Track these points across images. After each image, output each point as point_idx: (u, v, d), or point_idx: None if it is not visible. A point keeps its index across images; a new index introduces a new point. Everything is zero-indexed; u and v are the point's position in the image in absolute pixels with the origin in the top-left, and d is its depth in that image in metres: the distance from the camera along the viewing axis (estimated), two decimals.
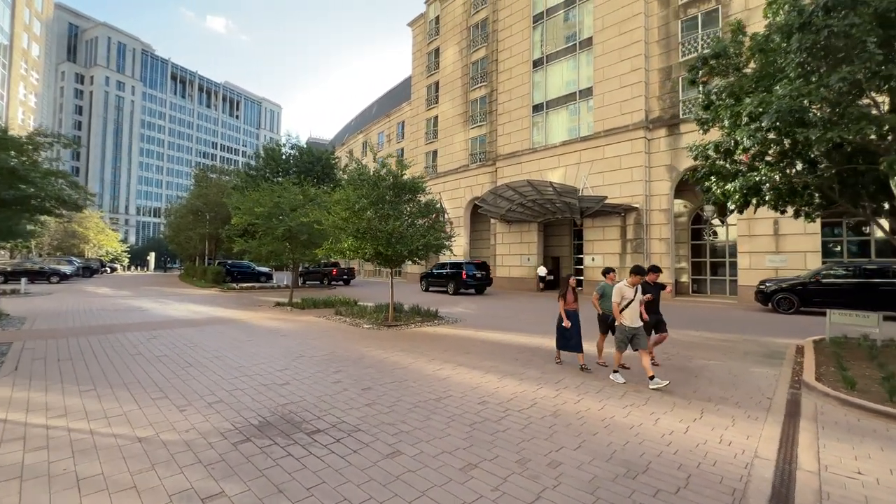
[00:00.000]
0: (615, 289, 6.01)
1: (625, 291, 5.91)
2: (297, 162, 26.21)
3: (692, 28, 19.77)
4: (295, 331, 10.01)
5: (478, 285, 21.76)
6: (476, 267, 21.78)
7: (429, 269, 24.31)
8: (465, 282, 21.29)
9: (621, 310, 5.88)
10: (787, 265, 16.80)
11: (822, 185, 8.01)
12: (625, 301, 5.89)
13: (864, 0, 6.06)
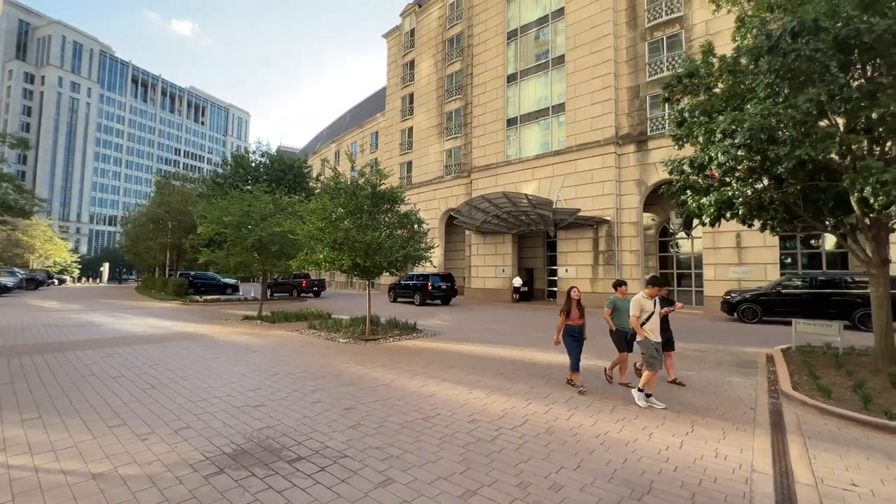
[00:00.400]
0: (634, 301, 5.61)
1: (644, 304, 5.55)
2: (268, 170, 25.42)
3: (658, 50, 20.72)
4: (266, 346, 9.49)
5: (444, 296, 22.34)
6: (441, 279, 22.41)
7: (397, 281, 24.27)
8: (431, 293, 21.88)
9: (642, 323, 5.48)
10: (749, 276, 17.59)
11: (787, 201, 8.40)
12: (645, 314, 5.51)
13: (826, 27, 6.42)
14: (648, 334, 5.45)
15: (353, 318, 12.78)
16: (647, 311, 5.53)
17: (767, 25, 7.32)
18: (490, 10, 26.98)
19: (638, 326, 5.51)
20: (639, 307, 5.55)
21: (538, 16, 24.67)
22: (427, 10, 32.98)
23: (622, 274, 20.74)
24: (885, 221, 7.66)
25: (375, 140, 40.97)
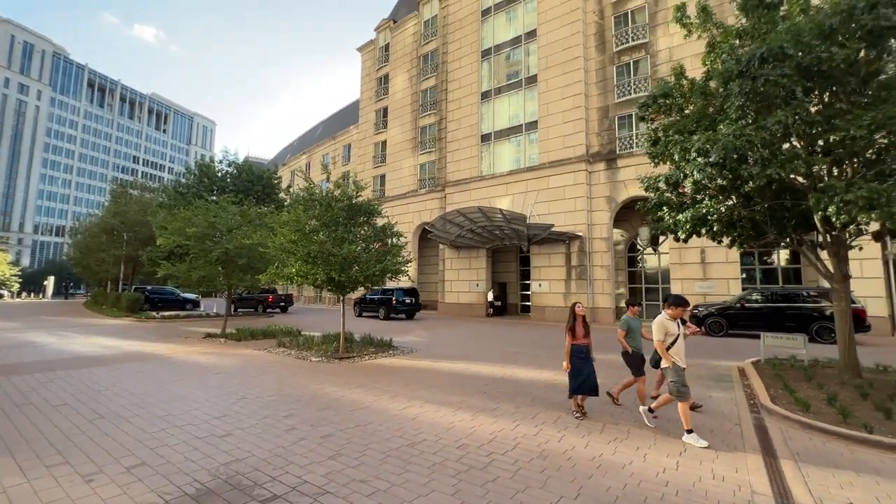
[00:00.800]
0: (657, 323, 5.09)
1: (669, 326, 5.03)
2: (235, 180, 24.46)
3: (625, 73, 21.62)
4: (232, 367, 8.84)
5: (408, 311, 22.67)
6: (405, 293, 22.72)
7: (363, 295, 24.14)
8: (396, 307, 22.27)
9: (667, 347, 4.98)
10: (714, 291, 18.27)
11: (755, 218, 8.73)
12: (670, 337, 5.00)
13: (791, 54, 6.77)
14: (676, 360, 4.94)
15: (325, 335, 12.22)
16: (672, 333, 5.03)
17: (736, 51, 7.67)
18: (465, 29, 27.48)
19: (663, 351, 4.98)
20: (663, 330, 5.03)
21: (511, 36, 25.32)
22: (402, 26, 33.26)
23: (594, 289, 21.09)
24: (844, 239, 8.05)
25: (348, 152, 40.49)
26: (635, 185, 20.49)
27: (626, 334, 6.06)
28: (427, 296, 31.70)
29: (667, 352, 4.97)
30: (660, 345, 5.03)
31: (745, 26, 8.07)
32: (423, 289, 31.70)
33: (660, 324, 5.08)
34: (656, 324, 5.11)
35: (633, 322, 6.12)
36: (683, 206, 8.89)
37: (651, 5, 21.00)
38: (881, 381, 7.39)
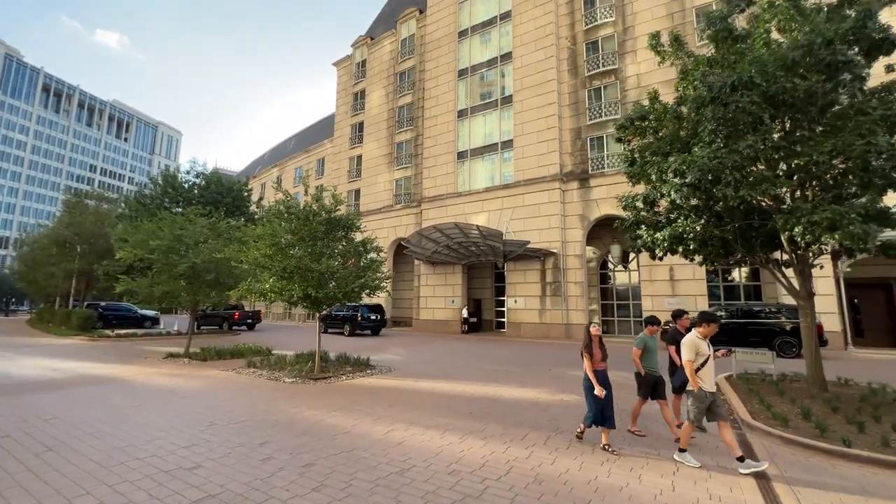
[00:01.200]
0: (688, 343, 4.73)
1: (699, 346, 4.69)
2: (204, 192, 23.49)
3: (597, 97, 22.49)
4: (199, 390, 8.26)
5: (373, 327, 22.89)
6: (370, 310, 22.88)
7: (328, 312, 23.40)
8: (361, 323, 22.41)
9: (696, 369, 4.65)
10: (683, 307, 18.84)
11: (725, 237, 9.08)
12: (700, 358, 4.67)
13: (759, 83, 7.18)
14: (703, 384, 4.62)
15: (298, 354, 11.70)
16: (703, 354, 4.67)
17: (707, 78, 8.07)
18: (442, 49, 27.97)
19: (692, 373, 4.62)
20: (693, 350, 4.68)
21: (488, 57, 25.95)
22: (379, 43, 33.53)
23: (568, 305, 21.36)
24: (808, 258, 8.47)
25: (322, 166, 39.96)
26: (607, 203, 21.15)
27: (641, 353, 5.77)
28: (401, 312, 31.27)
29: (696, 374, 4.64)
30: (689, 366, 4.64)
31: (714, 56, 8.51)
32: (398, 305, 31.28)
33: (691, 343, 4.71)
34: (687, 343, 4.75)
35: (650, 341, 5.83)
36: (659, 224, 9.18)
37: (620, 34, 22.08)
38: (846, 395, 7.71)
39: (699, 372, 4.66)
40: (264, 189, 47.70)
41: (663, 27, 20.49)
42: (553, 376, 10.26)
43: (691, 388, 4.67)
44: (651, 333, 5.96)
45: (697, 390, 4.62)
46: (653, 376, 5.70)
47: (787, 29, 8.27)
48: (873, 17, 7.23)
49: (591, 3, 23.37)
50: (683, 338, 4.88)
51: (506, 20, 25.45)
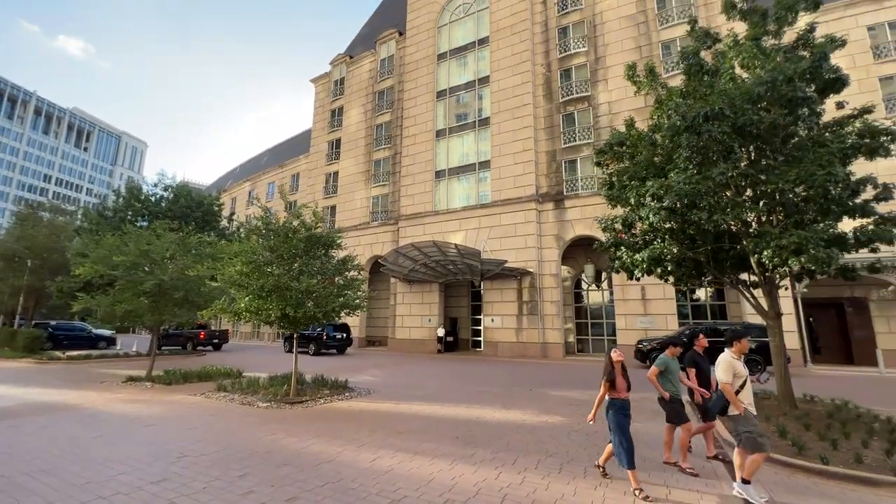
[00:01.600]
0: (724, 364, 4.42)
1: (737, 366, 4.39)
2: (172, 205, 22.56)
3: (571, 122, 23.33)
4: (165, 417, 7.71)
5: (339, 346, 22.94)
6: (336, 329, 22.77)
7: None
8: (326, 343, 22.33)
9: (736, 392, 4.33)
10: (654, 326, 19.39)
11: (698, 259, 9.46)
12: (738, 379, 4.36)
13: (729, 115, 7.63)
14: (748, 406, 4.31)
15: (271, 377, 11.20)
16: (741, 375, 4.38)
17: (680, 108, 8.53)
18: (421, 70, 28.46)
19: (733, 396, 4.30)
20: (731, 371, 4.36)
21: (466, 80, 26.57)
22: (358, 62, 33.79)
23: (544, 324, 21.54)
24: (775, 279, 8.91)
25: (296, 182, 39.35)
26: (581, 224, 21.73)
27: (659, 373, 5.46)
28: (377, 331, 30.69)
29: (737, 396, 4.31)
30: (728, 388, 4.33)
31: (686, 87, 9.01)
32: (373, 324, 30.70)
33: (727, 364, 4.41)
34: (723, 364, 4.45)
35: (671, 363, 5.52)
36: (636, 245, 9.48)
37: (592, 63, 23.14)
38: (815, 412, 8.03)
39: (740, 394, 4.35)
40: (235, 203, 46.41)
41: (632, 59, 21.66)
42: (535, 397, 10.22)
43: (735, 412, 4.29)
44: (672, 355, 5.64)
45: (744, 413, 4.27)
46: (677, 398, 5.41)
47: (751, 66, 8.90)
48: (827, 59, 7.88)
49: (564, 33, 24.47)
50: (719, 359, 4.54)
51: (483, 45, 26.25)
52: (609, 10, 23.18)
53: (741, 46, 8.89)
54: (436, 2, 28.96)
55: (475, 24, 27.04)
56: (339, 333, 22.88)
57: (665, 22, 21.56)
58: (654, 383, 5.44)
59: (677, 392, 5.42)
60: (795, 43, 8.87)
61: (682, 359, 5.82)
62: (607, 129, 21.64)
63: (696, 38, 9.57)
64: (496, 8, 25.96)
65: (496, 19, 25.81)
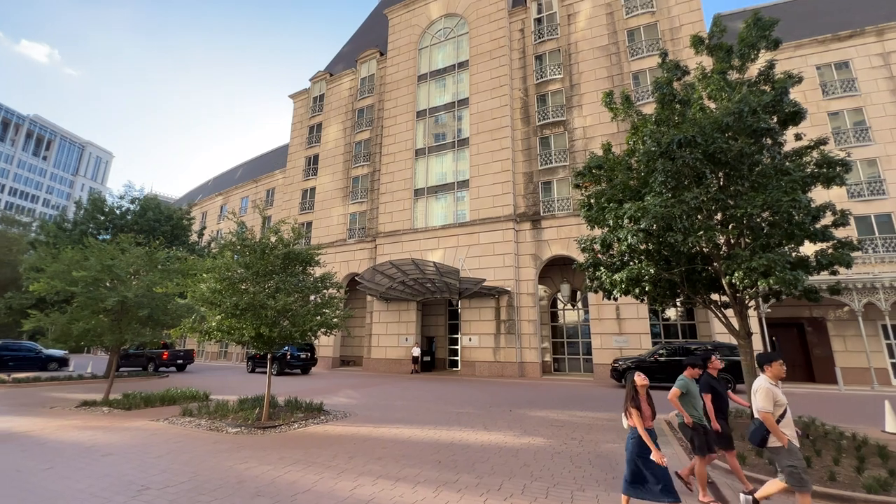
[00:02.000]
0: (762, 390, 4.03)
1: (776, 393, 3.99)
2: (139, 218, 21.60)
3: (547, 145, 24.02)
4: (125, 446, 7.16)
5: (303, 366, 22.87)
6: (300, 348, 22.73)
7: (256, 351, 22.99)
8: (290, 362, 22.28)
9: (777, 421, 3.94)
10: (629, 345, 19.73)
11: (673, 279, 9.75)
12: (779, 408, 3.98)
13: (700, 143, 8.01)
14: (791, 438, 3.90)
15: (241, 400, 10.66)
16: (783, 403, 3.99)
17: (655, 135, 8.90)
18: (401, 90, 28.82)
19: (775, 426, 3.91)
20: (771, 398, 3.97)
21: (446, 101, 27.06)
22: (338, 80, 33.93)
23: (522, 343, 21.57)
24: (745, 300, 9.26)
25: (271, 197, 38.63)
26: (557, 244, 22.14)
27: (680, 395, 5.08)
28: (351, 351, 29.97)
29: (778, 425, 3.93)
30: (769, 418, 3.92)
31: (660, 115, 9.44)
32: (347, 343, 29.99)
33: (766, 391, 4.01)
34: (761, 391, 4.05)
35: (692, 385, 5.14)
36: (613, 265, 9.69)
37: (567, 90, 24.04)
38: None
39: (780, 423, 3.96)
40: (206, 218, 45.02)
41: (604, 87, 22.67)
42: (515, 418, 10.11)
43: (777, 443, 3.91)
44: (692, 377, 5.25)
45: (788, 445, 3.88)
46: (702, 425, 5.00)
47: (718, 98, 9.43)
48: (787, 94, 8.46)
49: (540, 60, 25.42)
50: (756, 385, 4.16)
51: (463, 69, 26.90)
52: (583, 40, 24.29)
53: (709, 79, 9.43)
54: (417, 25, 29.63)
55: (455, 49, 27.74)
56: (303, 353, 22.71)
57: (635, 54, 22.74)
58: (678, 406, 5.00)
59: (701, 418, 5.02)
60: (757, 78, 9.48)
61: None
62: (582, 152, 22.41)
63: (667, 69, 10.10)
64: (476, 34, 26.77)
65: (476, 44, 26.58)
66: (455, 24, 28.19)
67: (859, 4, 22.60)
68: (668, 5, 22.65)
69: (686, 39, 21.22)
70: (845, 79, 20.88)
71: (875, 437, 7.82)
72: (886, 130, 19.56)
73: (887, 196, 18.91)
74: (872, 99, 20.12)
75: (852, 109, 20.39)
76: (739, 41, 9.52)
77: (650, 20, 22.88)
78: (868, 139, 19.73)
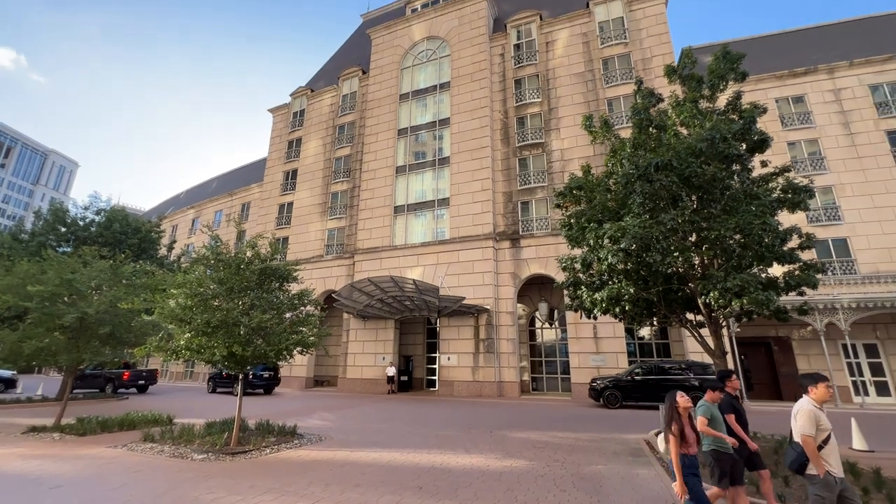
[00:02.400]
0: (805, 413, 3.67)
1: (821, 418, 3.64)
2: (104, 230, 20.56)
3: (525, 166, 24.51)
4: (78, 477, 6.57)
5: (266, 385, 22.61)
6: (263, 367, 22.32)
7: (218, 370, 23.19)
8: (252, 382, 21.83)
9: (819, 447, 3.58)
10: (606, 364, 19.89)
11: (651, 299, 9.93)
12: (822, 433, 3.61)
13: (676, 166, 8.30)
14: (832, 468, 3.54)
15: (209, 423, 10.07)
16: (826, 429, 3.62)
17: (633, 158, 9.19)
18: (383, 108, 29.02)
19: (815, 453, 3.55)
20: (814, 422, 3.61)
21: (427, 120, 27.37)
22: (319, 95, 33.91)
23: (500, 362, 21.44)
24: (719, 319, 9.49)
25: (246, 211, 37.75)
26: (536, 263, 22.37)
27: (708, 423, 4.65)
28: (325, 370, 29.10)
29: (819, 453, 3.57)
30: (810, 443, 3.56)
31: (637, 139, 9.77)
32: (321, 362, 29.13)
33: (810, 414, 3.65)
34: (803, 413, 3.69)
35: (714, 410, 4.75)
36: (593, 284, 9.80)
37: (545, 113, 24.75)
38: (761, 447, 8.36)
39: (822, 451, 3.59)
40: (176, 231, 43.49)
41: (581, 111, 23.46)
42: (496, 439, 9.92)
43: (814, 472, 3.55)
44: (714, 401, 4.79)
45: (824, 476, 3.51)
46: (727, 452, 4.58)
47: (691, 125, 9.86)
48: (755, 122, 8.93)
49: (520, 84, 26.17)
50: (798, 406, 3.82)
51: (444, 90, 27.38)
52: (561, 66, 25.21)
53: (682, 107, 9.86)
54: (400, 46, 30.12)
55: (436, 70, 28.27)
56: (266, 372, 22.34)
57: (610, 81, 23.72)
58: (711, 433, 4.56)
59: (726, 445, 4.59)
60: (726, 107, 9.99)
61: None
62: (560, 174, 22.96)
63: (643, 96, 10.52)
64: (457, 56, 27.40)
65: (457, 66, 27.17)
66: (437, 46, 28.81)
67: (814, 45, 24.42)
68: (640, 37, 23.86)
69: (657, 70, 22.34)
70: (801, 112, 22.34)
71: (844, 454, 8.02)
72: (840, 160, 20.91)
73: (843, 221, 20.08)
74: (826, 131, 21.55)
75: (808, 140, 21.77)
76: (709, 72, 10.04)
77: (623, 50, 24.01)
78: (824, 168, 21.03)
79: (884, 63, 21.71)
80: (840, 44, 23.72)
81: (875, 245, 19.44)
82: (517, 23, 27.13)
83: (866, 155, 20.68)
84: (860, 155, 20.76)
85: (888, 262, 18.99)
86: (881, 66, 21.74)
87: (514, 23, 27.18)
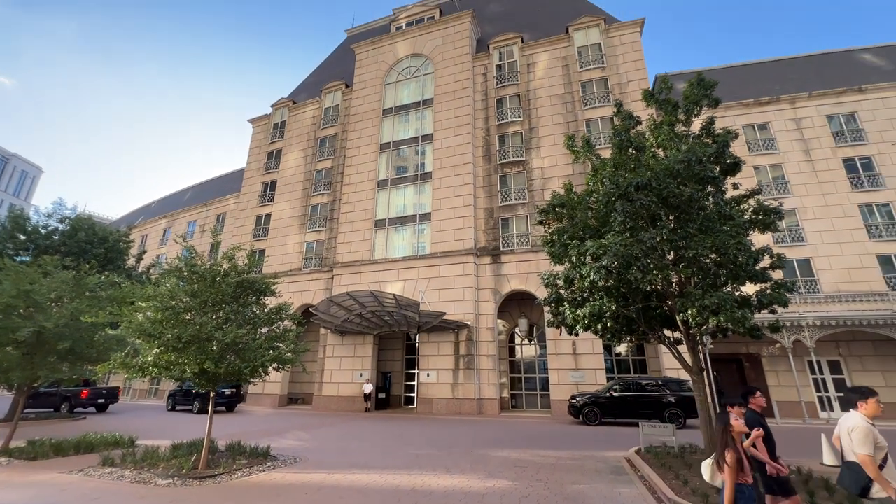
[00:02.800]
0: (861, 431, 3.42)
1: (877, 434, 3.39)
2: (68, 239, 19.54)
3: (506, 183, 24.85)
4: None
5: (227, 403, 22.54)
6: (225, 385, 21.94)
7: (178, 387, 23.54)
8: (216, 400, 21.39)
9: (881, 466, 3.33)
10: (585, 380, 19.98)
11: (630, 315, 10.06)
12: (880, 452, 3.37)
13: (654, 186, 8.54)
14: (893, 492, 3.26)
15: (175, 445, 9.50)
16: (884, 446, 3.37)
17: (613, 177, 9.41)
18: (366, 122, 29.05)
19: (878, 473, 3.28)
20: (871, 440, 3.36)
21: (410, 136, 27.52)
22: (301, 108, 33.72)
23: (481, 379, 21.25)
24: (697, 337, 9.69)
25: (221, 221, 36.75)
26: (516, 279, 22.49)
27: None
28: (300, 388, 28.18)
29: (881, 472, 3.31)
30: (871, 463, 3.28)
31: (618, 159, 10.03)
32: (297, 380, 28.19)
33: (866, 431, 3.40)
34: (859, 430, 3.44)
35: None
36: (575, 301, 9.88)
37: (526, 132, 25.29)
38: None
39: (882, 471, 3.32)
40: (146, 241, 41.88)
41: (561, 132, 24.09)
42: (477, 459, 9.73)
43: (882, 493, 3.29)
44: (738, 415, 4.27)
45: (894, 496, 3.23)
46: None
47: (667, 147, 10.22)
48: (728, 146, 9.33)
49: (501, 103, 26.73)
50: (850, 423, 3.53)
51: (427, 106, 27.68)
52: (541, 88, 25.92)
53: (659, 129, 10.22)
54: (384, 61, 30.40)
55: (420, 86, 28.61)
56: (228, 390, 22.19)
57: (588, 103, 24.51)
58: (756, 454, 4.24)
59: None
60: (700, 132, 10.41)
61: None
62: (540, 191, 23.37)
63: (622, 118, 10.87)
64: (441, 74, 27.83)
65: (441, 83, 27.57)
66: (421, 63, 29.22)
67: (778, 76, 25.96)
68: (617, 63, 24.85)
69: (633, 94, 23.23)
70: (766, 138, 23.58)
71: (816, 469, 8.21)
72: (802, 185, 22.08)
73: (806, 243, 21.08)
74: (789, 157, 22.77)
75: (773, 165, 22.93)
76: (684, 98, 10.48)
77: (601, 74, 24.91)
78: (788, 191, 22.13)
79: (839, 95, 23.25)
80: (801, 76, 25.31)
81: (836, 265, 20.43)
82: (499, 44, 27.86)
83: (826, 180, 21.92)
84: (820, 180, 21.98)
85: (848, 282, 19.96)
86: (836, 98, 23.27)
87: (496, 44, 27.90)
